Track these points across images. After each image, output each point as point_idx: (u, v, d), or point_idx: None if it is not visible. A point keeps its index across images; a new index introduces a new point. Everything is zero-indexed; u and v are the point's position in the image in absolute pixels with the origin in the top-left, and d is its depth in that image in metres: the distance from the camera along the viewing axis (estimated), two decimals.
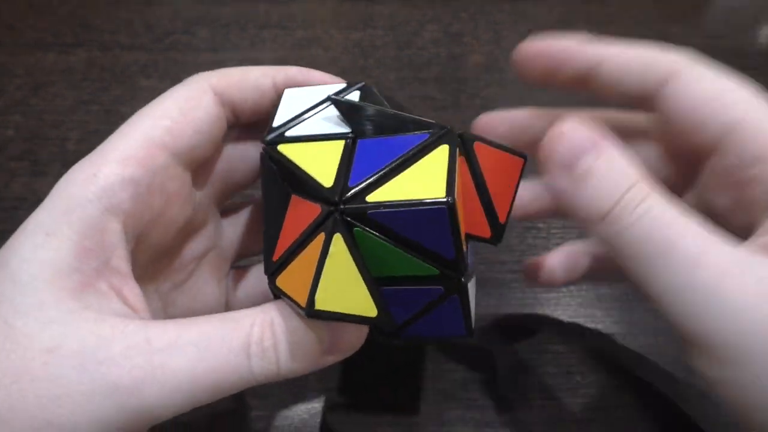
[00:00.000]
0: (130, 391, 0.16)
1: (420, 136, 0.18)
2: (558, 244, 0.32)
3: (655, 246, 0.16)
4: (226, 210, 0.25)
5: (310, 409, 0.26)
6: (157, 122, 0.19)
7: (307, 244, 0.17)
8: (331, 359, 0.18)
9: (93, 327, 0.16)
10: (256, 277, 0.25)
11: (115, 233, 0.18)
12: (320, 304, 0.16)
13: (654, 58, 0.20)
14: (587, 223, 0.18)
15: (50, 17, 0.46)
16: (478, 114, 0.40)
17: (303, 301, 0.16)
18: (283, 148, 0.19)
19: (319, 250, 0.17)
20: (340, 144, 0.19)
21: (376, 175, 0.17)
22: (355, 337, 0.18)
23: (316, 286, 0.16)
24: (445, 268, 0.18)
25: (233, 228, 0.24)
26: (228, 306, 0.24)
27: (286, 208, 0.19)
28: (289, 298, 0.17)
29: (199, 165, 0.21)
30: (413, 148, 0.18)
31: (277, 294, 0.18)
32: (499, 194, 0.20)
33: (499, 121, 0.24)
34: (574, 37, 0.21)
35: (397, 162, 0.18)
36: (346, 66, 0.42)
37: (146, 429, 0.17)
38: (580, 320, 0.29)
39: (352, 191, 0.17)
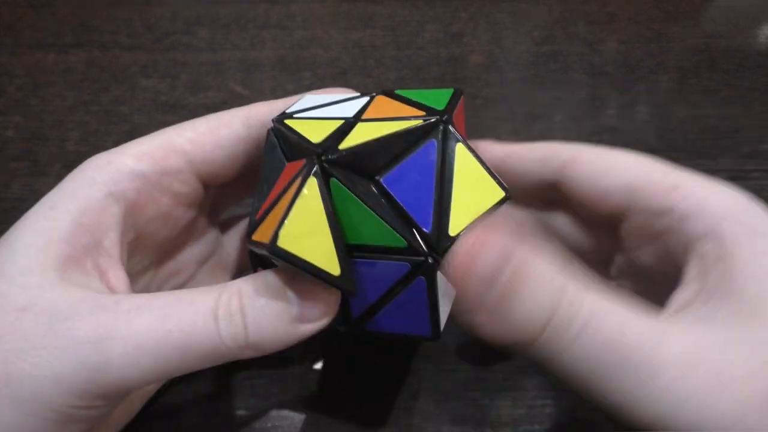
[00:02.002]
0: (93, 346, 0.15)
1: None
2: None
3: (604, 363, 0.15)
4: (225, 222, 0.25)
5: (310, 408, 0.26)
6: (183, 132, 0.21)
7: (285, 193, 0.17)
8: (303, 329, 0.17)
9: (65, 291, 0.16)
10: None
11: (112, 216, 0.19)
12: (283, 242, 0.16)
13: (551, 149, 0.22)
14: (516, 347, 0.16)
15: (50, 17, 0.46)
16: (478, 114, 0.40)
17: (266, 238, 0.16)
18: (290, 122, 0.20)
19: (293, 194, 0.17)
20: (340, 121, 0.19)
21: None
22: (324, 304, 0.17)
23: (282, 223, 0.16)
24: (415, 241, 0.18)
25: (233, 240, 0.25)
26: None
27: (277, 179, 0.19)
28: (260, 244, 0.17)
29: (215, 177, 0.22)
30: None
31: (253, 252, 0.18)
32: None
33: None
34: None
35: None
36: (346, 66, 0.42)
37: (115, 398, 0.17)
38: None
39: (338, 148, 0.18)
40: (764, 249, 0.17)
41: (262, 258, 0.19)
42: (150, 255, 0.21)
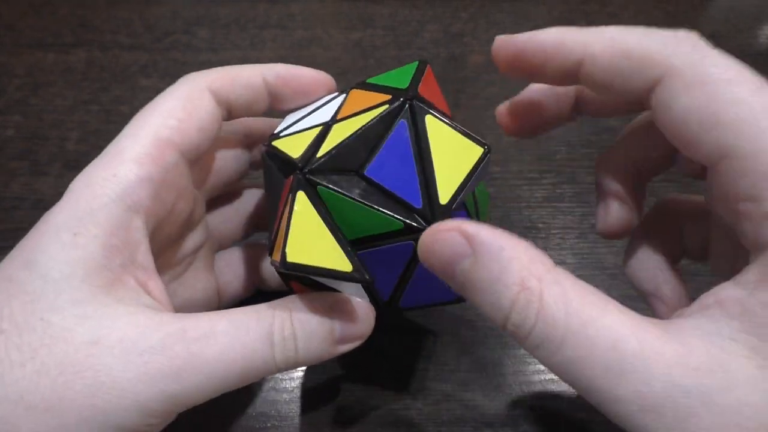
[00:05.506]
0: (172, 378, 0.16)
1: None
2: (558, 245, 0.32)
3: (589, 373, 0.15)
4: (209, 201, 0.26)
5: (310, 408, 0.26)
6: (165, 122, 0.20)
7: (284, 210, 0.19)
8: (344, 348, 0.19)
9: (130, 319, 0.17)
10: (239, 258, 0.26)
11: (138, 230, 0.19)
12: (292, 257, 0.17)
13: (644, 55, 0.17)
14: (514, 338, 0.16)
15: (50, 17, 0.46)
16: (478, 114, 0.40)
17: (278, 258, 0.17)
18: (277, 143, 0.21)
19: (288, 211, 0.18)
20: (318, 128, 0.20)
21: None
22: (364, 327, 0.19)
23: (286, 241, 0.17)
24: (410, 219, 0.18)
25: (216, 218, 0.26)
26: (220, 289, 0.25)
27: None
28: (275, 263, 0.18)
29: (197, 161, 0.22)
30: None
31: (277, 269, 0.19)
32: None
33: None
34: (552, 30, 0.18)
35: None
36: (346, 66, 0.42)
37: (176, 413, 0.18)
38: None
39: (316, 157, 0.19)
40: None
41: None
42: (154, 252, 0.21)
